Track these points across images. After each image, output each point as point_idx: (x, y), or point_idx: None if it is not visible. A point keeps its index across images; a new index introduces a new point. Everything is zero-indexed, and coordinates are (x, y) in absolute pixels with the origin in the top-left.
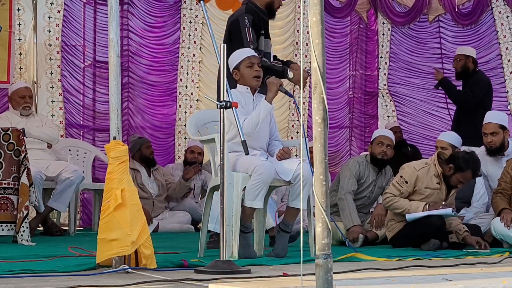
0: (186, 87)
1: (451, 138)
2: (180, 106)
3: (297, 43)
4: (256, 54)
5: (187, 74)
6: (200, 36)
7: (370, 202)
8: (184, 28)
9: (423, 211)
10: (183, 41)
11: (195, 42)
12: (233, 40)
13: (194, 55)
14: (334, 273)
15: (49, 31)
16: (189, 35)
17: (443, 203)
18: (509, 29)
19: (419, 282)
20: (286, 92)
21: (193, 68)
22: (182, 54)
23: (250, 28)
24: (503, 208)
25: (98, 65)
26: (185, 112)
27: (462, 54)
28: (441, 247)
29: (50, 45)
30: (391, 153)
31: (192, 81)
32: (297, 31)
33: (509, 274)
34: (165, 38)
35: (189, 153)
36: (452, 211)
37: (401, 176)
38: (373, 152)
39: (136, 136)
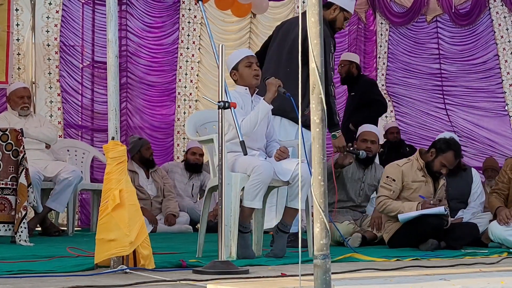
0: (185, 87)
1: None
2: (179, 106)
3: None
4: (254, 54)
5: (186, 74)
6: (199, 36)
7: (362, 200)
8: (183, 28)
9: (416, 210)
10: (182, 41)
11: (194, 42)
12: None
13: (193, 55)
14: (332, 273)
15: (48, 31)
16: (188, 35)
17: (431, 202)
18: (507, 29)
19: (418, 282)
20: (284, 93)
21: (192, 68)
22: (181, 54)
23: (333, 54)
24: (499, 207)
25: (96, 66)
26: (184, 113)
27: (346, 60)
28: (439, 247)
29: (48, 45)
30: (376, 149)
31: (191, 81)
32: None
33: (508, 274)
34: (164, 38)
35: (190, 155)
36: (445, 210)
37: (387, 177)
38: (358, 149)
39: (136, 137)
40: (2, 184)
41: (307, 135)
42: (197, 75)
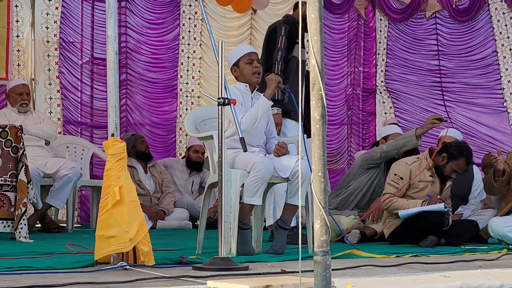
0: (187, 83)
1: (457, 135)
2: (181, 103)
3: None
4: (255, 51)
5: (187, 70)
6: (200, 32)
7: (374, 199)
8: (183, 24)
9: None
10: (183, 37)
11: (195, 38)
12: (269, 46)
13: (194, 51)
14: (332, 269)
15: (47, 27)
16: (189, 31)
17: (438, 197)
18: (505, 25)
19: (417, 279)
20: (284, 89)
21: (194, 64)
22: (182, 50)
23: (284, 36)
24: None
25: (95, 62)
26: (186, 109)
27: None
28: (439, 243)
29: (48, 41)
30: None
31: (193, 77)
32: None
33: (508, 270)
34: (165, 35)
35: (193, 152)
36: (445, 207)
37: (395, 174)
38: None
39: (129, 134)
40: (2, 180)
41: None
42: (199, 71)
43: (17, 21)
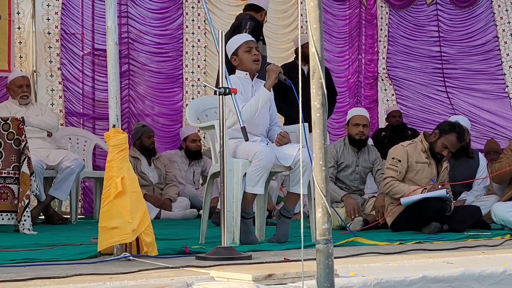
0: (192, 72)
1: (465, 122)
2: (187, 92)
3: (302, 26)
4: (253, 39)
5: (192, 60)
6: (204, 21)
7: (359, 182)
8: (187, 13)
9: (421, 193)
10: (187, 26)
11: (199, 27)
12: None
13: (199, 40)
14: (335, 258)
15: (48, 19)
16: (193, 20)
17: (440, 186)
18: (506, 10)
19: (420, 266)
20: (285, 80)
21: (199, 53)
22: (187, 40)
23: (248, 30)
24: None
25: (97, 53)
26: (193, 98)
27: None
28: (442, 230)
29: (49, 33)
30: (368, 132)
31: (199, 66)
32: (301, 14)
33: (510, 256)
34: (168, 24)
35: (191, 142)
36: (447, 193)
37: (393, 158)
38: (350, 133)
39: (140, 124)
40: (5, 173)
41: None
42: (204, 60)
43: (18, 13)
